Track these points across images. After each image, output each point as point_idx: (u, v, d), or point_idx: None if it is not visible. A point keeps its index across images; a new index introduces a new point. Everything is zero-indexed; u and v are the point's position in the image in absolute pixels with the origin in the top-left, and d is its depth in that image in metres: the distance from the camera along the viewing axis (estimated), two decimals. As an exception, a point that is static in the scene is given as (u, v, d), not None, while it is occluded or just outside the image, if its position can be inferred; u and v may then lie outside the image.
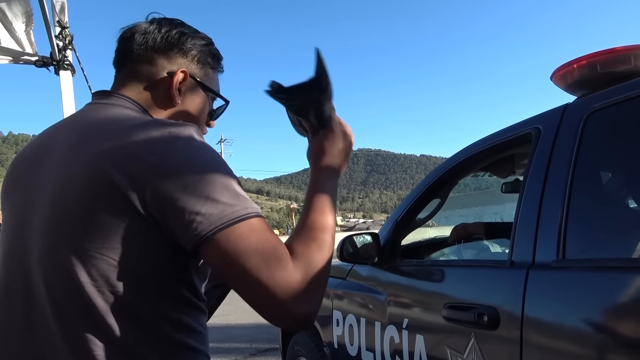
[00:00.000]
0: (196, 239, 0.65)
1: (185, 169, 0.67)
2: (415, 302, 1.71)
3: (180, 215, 0.65)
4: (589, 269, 1.12)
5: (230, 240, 0.65)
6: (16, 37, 2.29)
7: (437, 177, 1.86)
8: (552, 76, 1.47)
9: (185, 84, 0.86)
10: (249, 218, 0.67)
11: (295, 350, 2.60)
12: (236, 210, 0.66)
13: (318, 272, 0.70)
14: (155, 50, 0.85)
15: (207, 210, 0.65)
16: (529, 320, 1.16)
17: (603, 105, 1.23)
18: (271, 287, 0.65)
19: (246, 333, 5.18)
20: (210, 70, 0.92)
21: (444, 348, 1.43)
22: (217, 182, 0.67)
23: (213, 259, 0.67)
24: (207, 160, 0.69)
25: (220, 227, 0.65)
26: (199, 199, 0.65)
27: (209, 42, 0.92)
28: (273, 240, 0.68)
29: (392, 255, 1.92)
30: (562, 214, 1.19)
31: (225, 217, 0.65)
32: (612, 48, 1.31)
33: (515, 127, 1.55)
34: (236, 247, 0.65)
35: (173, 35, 0.86)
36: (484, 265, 1.60)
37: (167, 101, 0.86)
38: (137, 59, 0.85)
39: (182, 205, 0.65)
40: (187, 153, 0.69)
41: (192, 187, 0.65)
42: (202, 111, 0.92)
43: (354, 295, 2.07)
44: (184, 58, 0.87)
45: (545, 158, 1.31)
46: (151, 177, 0.66)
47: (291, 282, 0.66)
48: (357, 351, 1.94)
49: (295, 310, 0.66)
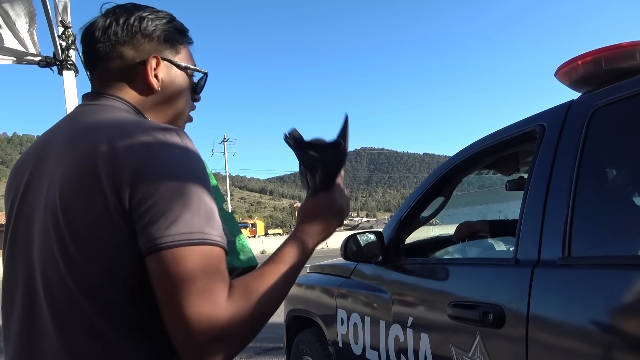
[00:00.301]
0: (147, 246, 0.65)
1: (164, 178, 0.67)
2: (420, 300, 1.71)
3: (145, 219, 0.66)
4: (595, 267, 1.12)
5: (173, 259, 0.64)
6: (19, 38, 2.30)
7: (441, 175, 1.85)
8: (556, 73, 1.46)
9: (160, 69, 0.85)
10: (203, 244, 0.66)
11: (299, 349, 2.60)
12: (194, 232, 0.65)
13: (248, 322, 0.67)
14: (120, 43, 0.83)
15: (168, 223, 0.65)
16: (534, 319, 1.15)
17: (608, 102, 1.22)
18: (192, 320, 0.62)
19: (250, 332, 5.20)
20: (180, 46, 0.89)
21: (449, 347, 1.43)
22: (187, 198, 0.67)
23: (153, 271, 0.65)
24: (186, 173, 0.69)
25: (170, 244, 0.64)
26: (165, 211, 0.65)
27: (170, 18, 0.89)
28: (217, 276, 0.66)
29: (396, 254, 1.91)
30: (567, 212, 1.18)
31: (181, 237, 0.64)
32: (617, 44, 1.30)
33: (519, 125, 1.54)
34: (175, 269, 0.64)
35: (132, 23, 0.84)
36: (488, 263, 1.59)
37: (147, 90, 0.85)
38: (104, 57, 0.84)
39: (150, 211, 0.65)
40: (168, 162, 0.69)
41: (165, 197, 0.66)
42: (184, 90, 0.90)
43: (358, 294, 2.06)
44: (151, 42, 0.85)
45: (550, 155, 1.30)
46: (132, 181, 0.67)
47: (214, 324, 0.63)
48: (362, 350, 1.94)
49: (204, 353, 0.63)
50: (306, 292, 2.63)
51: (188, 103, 0.92)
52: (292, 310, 2.72)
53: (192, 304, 0.63)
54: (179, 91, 0.89)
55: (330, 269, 2.51)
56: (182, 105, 0.91)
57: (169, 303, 0.64)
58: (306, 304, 2.57)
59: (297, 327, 2.69)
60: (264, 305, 0.70)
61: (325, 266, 2.62)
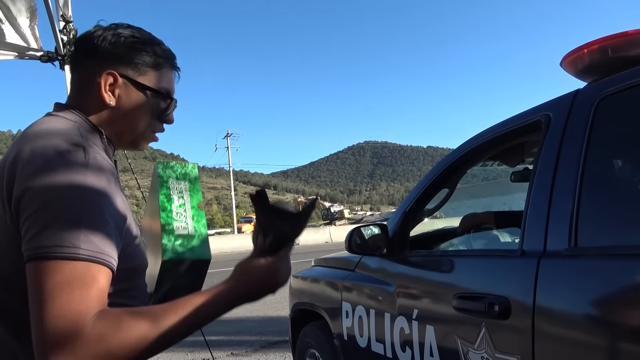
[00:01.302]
0: (25, 255, 0.67)
1: (50, 191, 0.68)
2: (425, 292, 1.70)
3: (27, 229, 0.67)
4: (601, 257, 1.11)
5: (42, 270, 0.64)
6: (21, 33, 2.29)
7: (446, 166, 1.84)
8: (562, 62, 1.45)
9: (117, 85, 0.88)
10: (76, 260, 0.65)
11: (305, 343, 2.60)
12: (69, 247, 0.65)
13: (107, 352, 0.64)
14: (87, 56, 0.88)
15: (44, 236, 0.66)
16: (540, 310, 1.14)
17: (615, 91, 1.20)
18: (43, 333, 0.62)
19: (256, 326, 5.21)
20: (148, 68, 0.91)
21: (454, 338, 1.43)
22: (70, 213, 0.67)
23: (27, 279, 0.66)
24: (76, 187, 0.70)
25: (41, 255, 0.65)
26: (45, 224, 0.66)
27: (149, 41, 0.91)
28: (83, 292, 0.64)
29: (401, 246, 1.91)
30: (573, 202, 1.17)
31: (53, 250, 0.65)
32: (624, 32, 1.28)
33: (524, 115, 1.53)
34: (41, 280, 0.64)
35: (104, 38, 0.87)
36: (494, 254, 1.58)
37: (102, 104, 0.87)
38: (76, 66, 0.89)
39: (32, 222, 0.67)
40: (58, 176, 0.69)
41: (48, 210, 0.67)
42: (144, 111, 0.91)
43: (362, 287, 2.06)
44: (114, 59, 0.88)
45: (556, 145, 1.29)
46: (21, 192, 0.69)
47: (69, 341, 0.62)
48: (367, 342, 1.94)
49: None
50: (311, 285, 2.63)
51: (146, 124, 0.94)
52: (297, 304, 2.73)
53: (48, 316, 0.62)
54: (135, 110, 0.91)
55: (334, 262, 2.50)
56: (140, 125, 0.93)
57: (31, 315, 0.64)
58: (311, 297, 2.58)
59: (302, 321, 2.69)
60: (135, 344, 0.66)
61: (329, 259, 2.62)
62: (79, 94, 0.89)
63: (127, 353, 0.65)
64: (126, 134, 0.93)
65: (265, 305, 6.10)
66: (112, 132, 0.90)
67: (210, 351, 1.28)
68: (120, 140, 0.93)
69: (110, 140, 0.90)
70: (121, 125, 0.91)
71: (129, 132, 0.93)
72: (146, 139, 0.96)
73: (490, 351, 1.28)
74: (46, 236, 0.65)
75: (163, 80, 0.93)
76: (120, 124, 0.90)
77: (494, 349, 1.27)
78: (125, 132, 0.92)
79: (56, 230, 0.66)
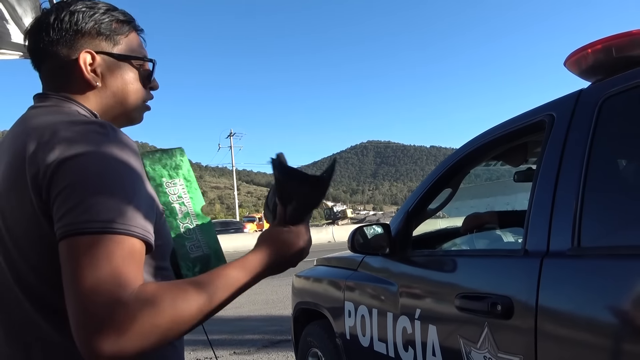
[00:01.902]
0: (57, 234, 0.65)
1: (79, 171, 0.67)
2: (428, 292, 1.70)
3: (59, 209, 0.66)
4: (605, 257, 1.11)
5: (76, 246, 0.63)
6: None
7: (449, 166, 1.84)
8: (565, 62, 1.44)
9: (97, 63, 0.83)
10: (113, 233, 0.63)
11: (307, 342, 2.61)
12: (103, 222, 0.63)
13: (143, 334, 0.61)
14: (53, 43, 0.82)
15: (77, 212, 0.64)
16: (543, 310, 1.14)
17: (618, 91, 1.20)
18: (83, 318, 0.60)
19: (258, 325, 5.22)
20: (119, 36, 0.86)
21: (457, 338, 1.43)
22: (102, 190, 0.66)
23: (60, 258, 0.64)
24: (103, 166, 0.68)
25: (76, 231, 0.63)
26: (77, 202, 0.64)
27: (107, 8, 0.86)
28: (121, 271, 0.62)
29: (404, 246, 1.91)
30: (576, 202, 1.17)
31: (88, 225, 0.63)
32: (629, 31, 1.28)
33: (528, 115, 1.53)
34: (77, 256, 0.62)
35: (63, 19, 0.82)
36: (497, 254, 1.58)
37: (88, 86, 0.83)
38: (44, 58, 0.84)
39: (63, 202, 0.65)
40: (85, 156, 0.68)
41: (79, 189, 0.65)
42: (131, 81, 0.88)
43: (365, 287, 2.07)
44: (83, 37, 0.83)
45: (560, 145, 1.29)
46: (49, 176, 0.67)
47: (105, 326, 0.59)
48: (370, 342, 1.94)
49: (99, 340, 0.59)
50: (313, 284, 2.63)
51: (138, 93, 0.90)
52: (299, 303, 2.73)
53: (85, 292, 0.60)
54: (125, 84, 0.87)
55: (337, 262, 2.51)
56: (132, 97, 0.89)
57: (67, 293, 0.62)
58: (314, 297, 2.58)
59: (304, 320, 2.70)
60: (174, 317, 0.64)
61: (332, 259, 2.63)
62: (59, 83, 0.83)
63: (171, 326, 0.64)
64: (120, 110, 0.88)
65: (268, 305, 6.10)
66: (104, 112, 0.86)
67: (213, 350, 1.29)
68: (115, 120, 0.89)
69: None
70: (113, 104, 0.87)
71: (123, 108, 0.88)
72: (140, 109, 0.93)
73: (493, 351, 1.28)
74: (80, 212, 0.64)
75: (135, 45, 0.89)
76: (112, 102, 0.86)
77: (496, 349, 1.27)
78: (118, 109, 0.88)
79: (89, 205, 0.64)
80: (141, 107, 0.92)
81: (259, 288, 7.77)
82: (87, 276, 0.61)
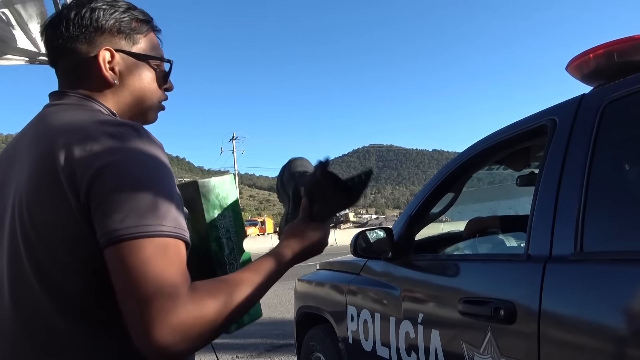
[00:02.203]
0: (103, 239, 0.65)
1: (118, 174, 0.67)
2: (430, 296, 1.70)
3: (102, 214, 0.66)
4: (608, 262, 1.11)
5: (128, 251, 0.64)
6: (32, 38, 2.32)
7: (451, 170, 1.84)
8: (567, 66, 1.45)
9: (116, 61, 0.83)
10: (159, 236, 0.65)
11: (310, 346, 2.60)
12: (148, 225, 0.65)
13: (208, 322, 0.66)
14: (73, 39, 0.81)
15: (122, 216, 0.64)
16: (546, 314, 1.14)
17: (620, 95, 1.20)
18: (146, 315, 0.62)
19: (260, 329, 5.21)
20: (138, 35, 0.86)
21: (459, 343, 1.42)
22: (142, 192, 0.66)
23: (109, 264, 0.65)
24: (139, 167, 0.68)
25: (124, 237, 0.64)
26: (120, 205, 0.65)
27: (127, 7, 0.86)
28: (172, 268, 0.65)
29: (406, 250, 1.91)
30: (579, 207, 1.17)
31: (135, 229, 0.64)
32: (630, 36, 1.28)
33: (530, 119, 1.53)
34: (130, 261, 0.63)
35: (82, 16, 0.81)
36: (500, 259, 1.58)
37: (106, 84, 0.83)
38: (61, 54, 0.83)
39: (105, 206, 0.65)
40: (122, 159, 0.68)
41: (120, 192, 0.65)
42: (149, 81, 0.88)
43: (368, 291, 2.06)
44: (103, 34, 0.82)
45: (562, 150, 1.29)
46: (89, 180, 0.67)
47: (169, 319, 0.62)
48: (372, 346, 1.94)
49: (156, 348, 0.62)
50: (316, 288, 2.63)
51: (155, 93, 0.90)
52: (302, 307, 2.73)
53: (147, 297, 0.62)
54: (142, 83, 0.87)
55: (339, 266, 2.51)
56: (149, 97, 0.89)
57: (124, 295, 0.64)
58: (316, 301, 2.58)
59: (307, 324, 2.70)
60: (229, 309, 0.69)
61: (334, 263, 2.63)
62: (76, 79, 0.83)
63: (223, 319, 0.68)
64: (137, 110, 0.89)
65: (270, 309, 6.09)
66: (121, 111, 0.86)
67: (215, 354, 1.28)
68: (131, 119, 0.88)
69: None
70: (130, 102, 0.87)
71: (139, 108, 0.89)
72: (156, 109, 0.93)
73: (496, 356, 1.27)
74: (127, 217, 0.64)
75: (154, 45, 0.90)
76: (129, 101, 0.87)
77: (499, 354, 1.27)
78: (135, 108, 0.88)
79: (135, 209, 0.65)
80: (156, 107, 0.93)
81: (262, 292, 7.75)
82: (145, 280, 0.62)
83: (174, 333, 0.62)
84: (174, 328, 0.62)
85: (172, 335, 0.62)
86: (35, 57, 2.43)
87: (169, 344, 0.62)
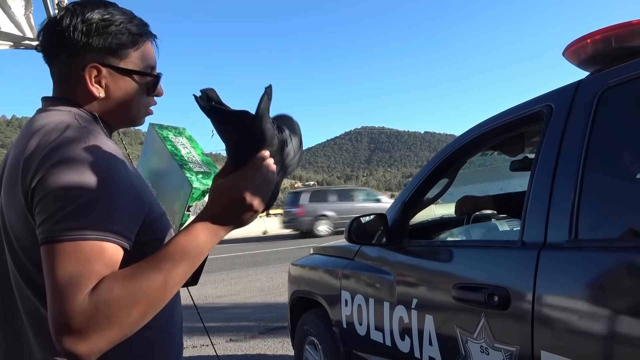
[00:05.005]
0: (39, 238, 0.70)
1: (57, 178, 0.71)
2: (424, 282, 1.71)
3: (39, 215, 0.71)
4: (602, 249, 1.11)
5: (49, 253, 0.68)
6: (16, 22, 2.25)
7: (446, 156, 1.83)
8: (564, 52, 1.43)
9: (103, 75, 0.86)
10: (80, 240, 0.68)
11: (304, 330, 2.62)
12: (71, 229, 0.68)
13: (109, 318, 0.65)
14: (63, 49, 0.84)
15: (52, 220, 0.69)
16: (540, 301, 1.15)
17: (618, 82, 1.19)
18: (55, 314, 0.65)
19: (254, 312, 5.25)
20: (128, 50, 0.88)
21: (453, 328, 1.44)
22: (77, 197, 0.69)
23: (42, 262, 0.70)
24: (80, 171, 0.71)
25: (48, 239, 0.68)
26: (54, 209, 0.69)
27: (122, 20, 0.86)
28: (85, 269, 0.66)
29: (400, 236, 1.91)
30: (574, 194, 1.17)
31: (57, 233, 0.68)
32: (628, 22, 1.27)
33: (526, 105, 1.52)
34: (49, 263, 0.68)
35: (75, 28, 0.83)
36: (494, 245, 1.59)
37: (91, 97, 0.87)
38: (53, 60, 0.87)
39: (43, 208, 0.70)
40: (64, 163, 0.72)
41: (56, 195, 0.70)
42: (135, 93, 0.90)
43: (362, 276, 2.07)
44: (93, 52, 0.85)
45: (558, 136, 1.29)
46: (34, 181, 0.72)
47: (66, 318, 0.64)
48: (366, 331, 1.95)
49: (66, 345, 0.64)
50: (310, 273, 2.64)
51: (142, 104, 0.94)
52: (296, 292, 2.74)
53: (54, 298, 0.65)
54: (127, 96, 0.90)
55: (333, 251, 2.51)
56: (134, 108, 0.93)
57: (48, 297, 0.68)
58: (310, 285, 2.59)
59: (301, 308, 2.71)
60: (133, 302, 0.67)
61: (328, 247, 2.63)
62: (64, 87, 0.87)
63: (131, 311, 0.67)
64: (121, 117, 0.93)
65: (263, 292, 6.12)
66: (107, 119, 0.91)
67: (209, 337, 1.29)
68: (117, 124, 0.94)
69: (107, 124, 0.92)
70: (115, 112, 0.91)
71: (124, 116, 0.93)
72: (142, 115, 0.97)
73: (490, 341, 1.29)
74: (55, 220, 0.69)
75: (145, 57, 0.91)
76: (114, 111, 0.90)
77: (493, 339, 1.28)
78: (120, 116, 0.92)
79: (64, 213, 0.68)
80: (143, 113, 0.96)
81: (254, 275, 7.81)
82: (52, 282, 0.66)
83: (76, 341, 0.64)
84: (73, 337, 0.64)
85: (74, 344, 0.64)
86: (20, 42, 2.36)
87: (77, 351, 0.64)
